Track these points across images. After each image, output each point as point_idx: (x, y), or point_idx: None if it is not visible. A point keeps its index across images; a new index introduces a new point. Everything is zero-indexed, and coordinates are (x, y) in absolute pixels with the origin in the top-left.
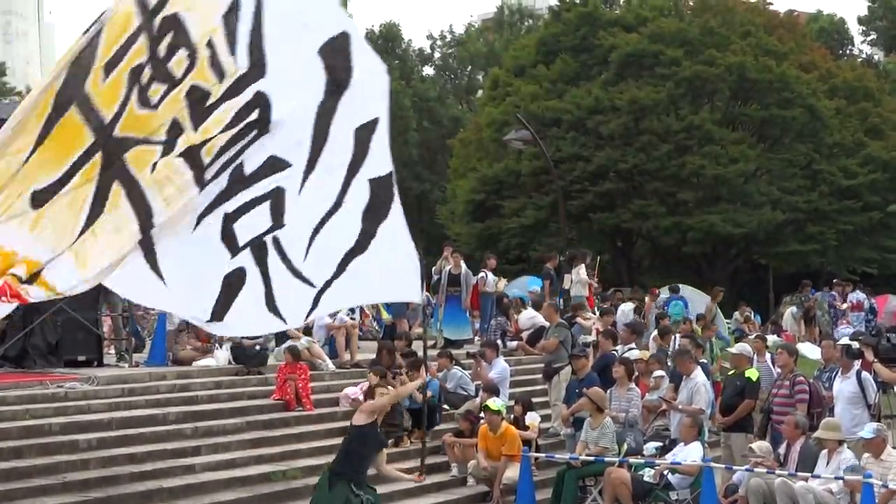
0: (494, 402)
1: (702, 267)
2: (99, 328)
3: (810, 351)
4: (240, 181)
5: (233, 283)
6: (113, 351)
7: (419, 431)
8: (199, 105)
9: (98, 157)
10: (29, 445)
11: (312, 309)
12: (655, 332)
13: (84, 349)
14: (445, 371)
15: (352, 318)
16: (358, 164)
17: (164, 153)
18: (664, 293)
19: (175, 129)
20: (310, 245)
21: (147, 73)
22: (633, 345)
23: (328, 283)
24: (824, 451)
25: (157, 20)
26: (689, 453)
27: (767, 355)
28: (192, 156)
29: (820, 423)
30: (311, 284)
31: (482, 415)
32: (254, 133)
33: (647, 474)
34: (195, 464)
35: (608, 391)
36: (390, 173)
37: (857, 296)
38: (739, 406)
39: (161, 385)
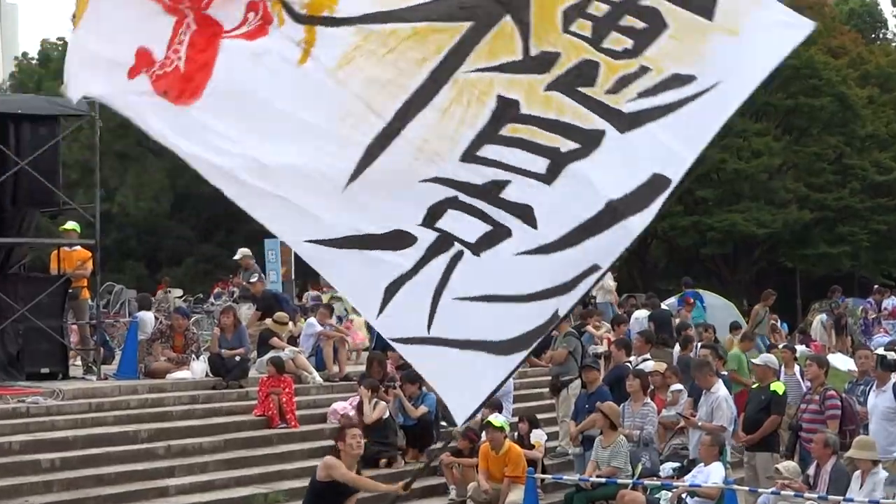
0: (497, 419)
1: (722, 270)
2: (64, 337)
3: (842, 362)
4: (491, 195)
5: (388, 239)
6: (79, 362)
7: (414, 451)
8: (578, 82)
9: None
10: None
11: (405, 341)
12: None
13: (48, 360)
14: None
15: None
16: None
17: (518, 71)
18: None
19: (541, 64)
20: (471, 298)
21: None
22: (647, 355)
23: (429, 340)
24: (858, 472)
25: None
26: (710, 475)
27: (796, 367)
28: (502, 107)
29: (853, 441)
30: (429, 324)
31: (483, 432)
32: (540, 169)
33: (664, 497)
34: (169, 486)
35: (621, 406)
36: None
37: (893, 302)
38: (765, 423)
39: (132, 399)
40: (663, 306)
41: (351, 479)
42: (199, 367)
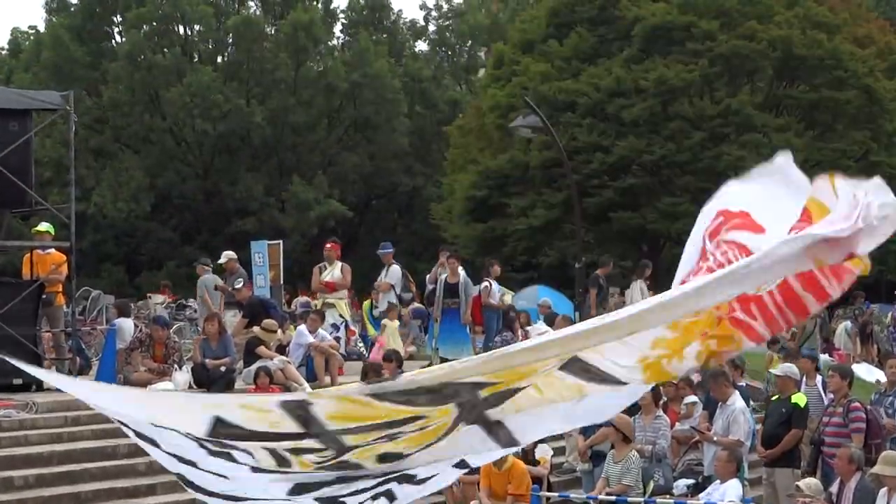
0: None
1: None
2: (38, 346)
3: (867, 372)
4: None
5: None
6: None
7: None
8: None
9: None
10: None
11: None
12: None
13: (20, 371)
14: None
15: (335, 336)
16: None
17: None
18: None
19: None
20: None
21: None
22: None
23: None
24: (884, 490)
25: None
26: (726, 492)
27: (818, 378)
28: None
29: (878, 456)
30: None
31: None
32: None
33: None
34: None
35: (632, 420)
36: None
37: None
38: (785, 437)
39: None
40: None
41: None
42: (181, 378)
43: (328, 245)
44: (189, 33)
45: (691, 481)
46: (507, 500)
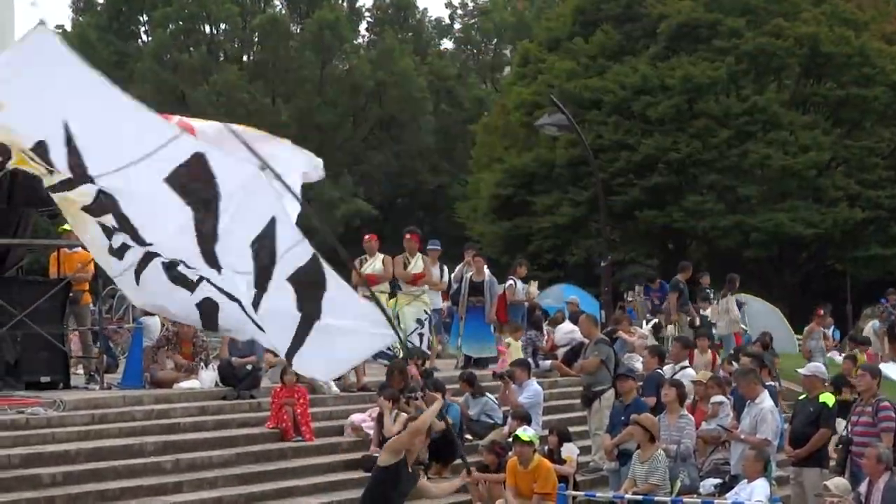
0: (525, 432)
1: (767, 273)
2: (65, 345)
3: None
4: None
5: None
6: (81, 371)
7: (437, 466)
8: None
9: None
10: None
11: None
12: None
13: (48, 369)
14: (467, 395)
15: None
16: (268, 271)
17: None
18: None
19: None
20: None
21: None
22: (685, 363)
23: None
24: None
25: None
26: (754, 492)
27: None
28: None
29: None
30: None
31: (510, 446)
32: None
33: None
34: (176, 502)
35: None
36: (314, 255)
37: None
38: (813, 436)
39: (137, 411)
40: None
41: (410, 431)
42: (208, 377)
43: (367, 237)
44: (215, 32)
45: (718, 481)
46: (533, 499)
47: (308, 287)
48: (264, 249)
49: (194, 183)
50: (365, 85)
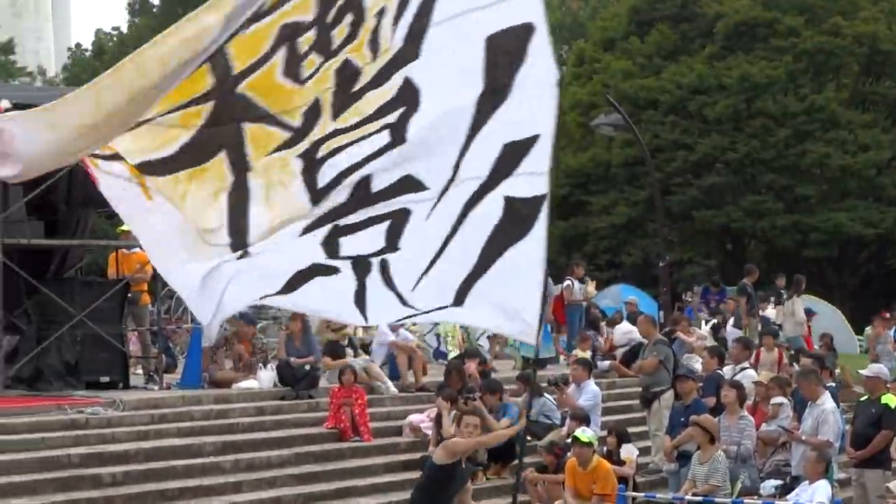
0: (584, 433)
1: (826, 274)
2: (124, 345)
3: None
4: (364, 199)
5: (319, 270)
6: (140, 371)
7: (496, 466)
8: (347, 86)
9: (208, 106)
10: (45, 480)
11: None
12: None
13: (107, 369)
14: (525, 396)
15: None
16: (496, 180)
17: (289, 145)
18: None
19: (312, 115)
20: (423, 275)
21: (309, 37)
22: (745, 364)
23: (434, 310)
24: None
25: None
26: (815, 493)
27: None
28: (309, 155)
29: None
30: (415, 309)
31: (569, 447)
32: (387, 141)
33: None
34: (235, 502)
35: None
36: (543, 195)
37: None
38: (875, 438)
39: (196, 411)
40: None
41: (473, 443)
42: (266, 377)
43: None
44: None
45: (779, 482)
46: (592, 500)
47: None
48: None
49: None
50: None
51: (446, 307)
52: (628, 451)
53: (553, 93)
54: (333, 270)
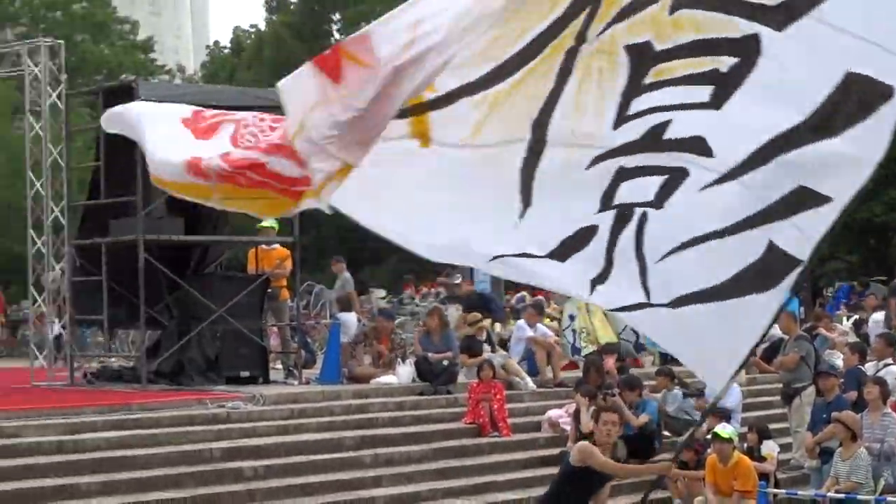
0: (724, 429)
1: None
2: (264, 340)
3: None
4: (653, 143)
5: (577, 239)
6: (280, 366)
7: (635, 462)
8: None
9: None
10: (187, 474)
11: (630, 308)
12: None
13: (247, 364)
14: (665, 392)
15: (571, 328)
16: (772, 216)
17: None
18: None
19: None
20: (672, 252)
21: None
22: (888, 360)
23: (654, 306)
24: None
25: None
26: None
27: None
28: (639, 71)
29: None
30: (647, 292)
31: (709, 443)
32: (704, 100)
33: None
34: (375, 497)
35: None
36: (800, 262)
37: None
38: None
39: (335, 406)
40: None
41: (609, 466)
42: (405, 372)
43: None
44: None
45: None
46: (733, 497)
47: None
48: None
49: None
50: None
51: (656, 305)
52: (769, 448)
53: (864, 175)
54: (585, 237)
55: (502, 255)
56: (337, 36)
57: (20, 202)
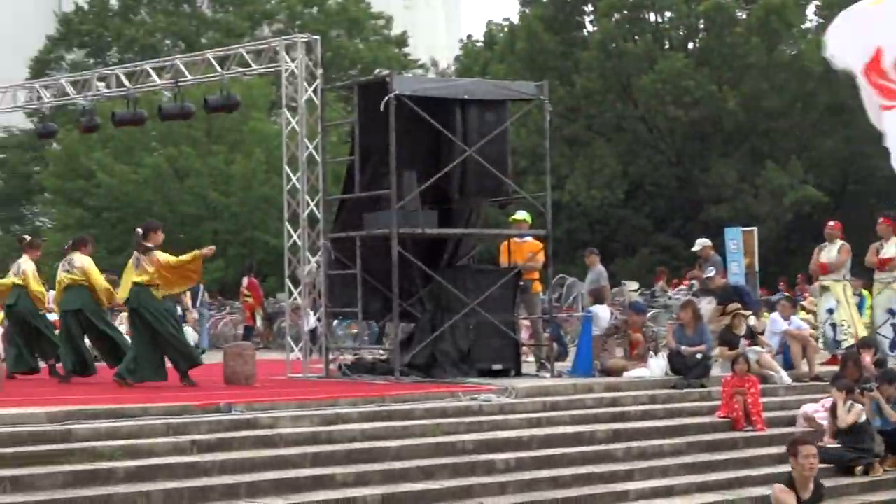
0: None
1: None
2: (516, 333)
3: None
4: None
5: None
6: (532, 359)
7: (893, 458)
8: None
9: None
10: (440, 465)
11: None
12: None
13: (499, 357)
14: None
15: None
16: None
17: None
18: None
19: None
20: None
21: None
22: None
23: None
24: None
25: None
26: None
27: None
28: None
29: None
30: None
31: None
32: None
33: None
34: (628, 490)
35: None
36: None
37: None
38: None
39: (587, 399)
40: None
41: None
42: (657, 365)
43: (830, 223)
44: (660, 20)
45: None
46: None
47: None
48: None
49: None
50: (814, 70)
51: None
52: None
53: None
54: None
55: None
56: (590, 28)
57: (277, 196)
